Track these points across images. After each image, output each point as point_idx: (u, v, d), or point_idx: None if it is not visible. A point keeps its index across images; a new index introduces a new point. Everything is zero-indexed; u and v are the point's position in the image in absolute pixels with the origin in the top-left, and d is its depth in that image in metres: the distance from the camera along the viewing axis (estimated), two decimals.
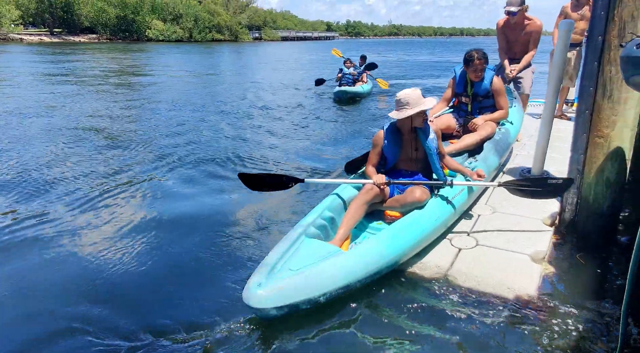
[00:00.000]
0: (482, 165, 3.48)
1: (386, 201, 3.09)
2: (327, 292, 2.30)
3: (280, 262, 2.38)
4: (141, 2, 57.52)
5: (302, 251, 2.46)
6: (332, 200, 3.05)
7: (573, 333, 2.24)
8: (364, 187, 2.99)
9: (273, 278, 2.24)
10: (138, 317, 2.42)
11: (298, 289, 2.23)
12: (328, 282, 2.30)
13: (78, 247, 3.23)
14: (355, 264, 2.41)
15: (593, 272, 2.79)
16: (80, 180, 4.65)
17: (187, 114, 8.79)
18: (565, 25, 3.50)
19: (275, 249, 2.50)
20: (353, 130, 7.68)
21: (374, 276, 2.51)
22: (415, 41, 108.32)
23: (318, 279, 2.28)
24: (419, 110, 2.97)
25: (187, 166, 5.26)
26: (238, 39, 71.91)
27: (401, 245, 2.62)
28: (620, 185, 2.95)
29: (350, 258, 2.43)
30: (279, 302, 2.17)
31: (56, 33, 52.59)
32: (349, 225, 2.83)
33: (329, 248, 2.53)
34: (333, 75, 12.37)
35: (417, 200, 2.91)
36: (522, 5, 4.99)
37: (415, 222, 2.78)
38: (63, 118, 8.06)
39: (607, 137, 2.87)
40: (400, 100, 3.00)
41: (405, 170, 3.19)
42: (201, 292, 2.65)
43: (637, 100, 2.83)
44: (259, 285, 2.19)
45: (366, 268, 2.43)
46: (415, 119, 3.03)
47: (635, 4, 2.66)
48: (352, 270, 2.38)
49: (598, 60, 2.83)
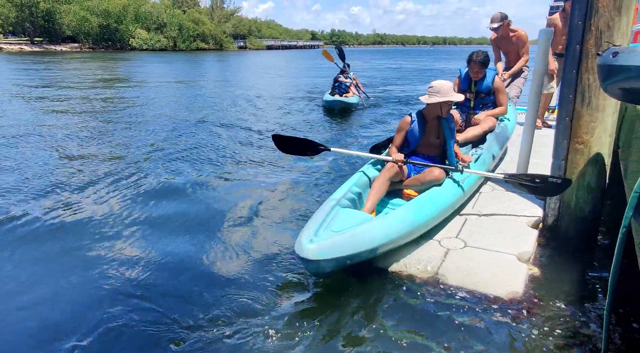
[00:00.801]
0: (487, 154, 3.96)
1: (405, 181, 3.42)
2: (368, 248, 2.59)
3: (322, 226, 2.65)
4: (124, 11, 57.12)
5: (339, 218, 2.76)
6: (359, 177, 3.44)
7: (558, 333, 2.27)
8: (386, 165, 3.33)
9: (320, 237, 2.53)
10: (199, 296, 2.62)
11: (344, 245, 2.51)
12: (369, 240, 2.61)
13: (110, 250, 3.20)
14: (390, 226, 2.75)
15: (577, 274, 2.85)
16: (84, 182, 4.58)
17: (175, 125, 8.73)
18: (544, 34, 3.58)
19: (314, 218, 2.78)
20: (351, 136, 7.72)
21: (404, 238, 2.84)
22: (399, 50, 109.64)
23: (360, 238, 2.58)
24: (448, 99, 3.30)
25: (181, 165, 5.24)
26: (223, 48, 71.80)
27: (426, 214, 3.00)
28: (601, 189, 3.02)
29: (385, 222, 2.78)
30: (329, 254, 2.44)
31: (37, 42, 51.86)
32: (375, 198, 3.17)
33: (363, 215, 2.88)
34: (327, 84, 12.20)
35: (436, 179, 3.29)
36: (504, 20, 5.54)
37: (436, 196, 3.18)
38: (42, 128, 7.93)
39: (587, 143, 2.94)
40: (433, 87, 3.33)
41: (423, 154, 3.53)
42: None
43: (615, 107, 2.91)
44: (311, 241, 2.48)
45: (398, 232, 2.77)
46: (443, 108, 3.36)
47: (611, 14, 2.74)
48: (387, 232, 2.71)
49: (577, 69, 2.91)
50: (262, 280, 2.83)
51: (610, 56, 2.10)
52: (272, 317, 2.44)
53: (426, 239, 3.13)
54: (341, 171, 5.28)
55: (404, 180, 3.44)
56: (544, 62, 3.68)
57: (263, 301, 2.60)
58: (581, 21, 2.85)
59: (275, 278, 2.85)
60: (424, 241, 3.11)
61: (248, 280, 2.85)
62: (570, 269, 2.91)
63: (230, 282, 2.83)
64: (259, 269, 2.98)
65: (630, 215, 1.53)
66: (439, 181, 3.31)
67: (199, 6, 78.33)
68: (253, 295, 2.66)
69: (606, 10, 2.75)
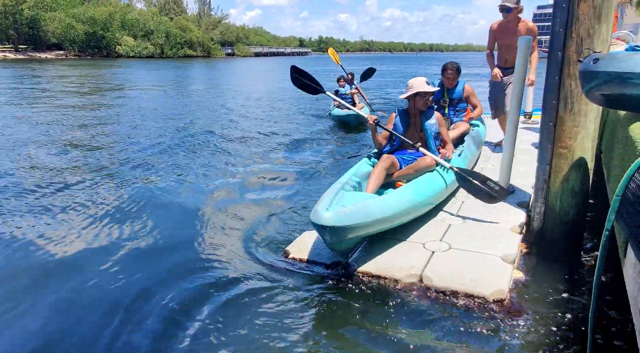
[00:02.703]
0: (467, 152, 4.38)
1: (397, 172, 3.67)
2: (378, 218, 2.81)
3: (334, 201, 2.80)
4: (111, 19, 56.83)
5: (347, 197, 2.94)
6: (358, 167, 3.67)
7: (543, 334, 2.30)
8: (382, 157, 3.63)
9: (334, 208, 2.70)
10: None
11: (358, 214, 2.69)
12: (379, 211, 2.83)
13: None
14: (393, 202, 2.98)
15: (562, 276, 2.88)
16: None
17: (166, 136, 8.67)
18: (524, 41, 3.62)
19: (325, 196, 2.92)
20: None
21: (405, 214, 3.07)
22: (387, 56, 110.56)
23: (370, 209, 2.79)
24: (418, 90, 3.63)
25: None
26: (210, 55, 71.72)
27: (424, 194, 3.29)
28: (585, 193, 3.07)
29: (389, 198, 3.01)
30: (344, 222, 2.61)
31: (21, 49, 51.27)
32: (375, 183, 3.44)
33: (368, 195, 3.16)
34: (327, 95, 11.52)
35: (428, 165, 3.59)
36: (518, 5, 4.72)
37: (431, 179, 3.50)
38: (25, 134, 7.83)
39: (570, 148, 2.99)
40: (408, 85, 3.73)
41: (409, 149, 3.75)
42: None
43: (597, 112, 2.97)
44: (327, 210, 2.65)
45: (401, 207, 3.01)
46: (417, 101, 3.68)
47: (591, 21, 2.81)
48: (391, 206, 2.94)
49: (559, 75, 2.96)
50: (251, 287, 2.81)
51: (591, 62, 2.15)
52: (256, 323, 2.43)
53: (410, 242, 3.16)
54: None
55: (396, 172, 3.68)
56: (524, 70, 3.65)
57: (249, 307, 2.58)
58: (562, 28, 2.91)
59: (262, 284, 2.83)
60: (408, 244, 3.14)
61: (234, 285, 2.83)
62: (556, 271, 2.94)
63: (211, 289, 2.79)
64: (245, 280, 2.96)
65: (613, 218, 1.55)
66: (430, 168, 3.60)
67: (186, 13, 78.31)
68: (240, 302, 2.65)
69: (586, 18, 2.81)
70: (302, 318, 2.48)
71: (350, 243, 2.84)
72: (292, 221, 3.94)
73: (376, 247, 3.10)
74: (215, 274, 3.00)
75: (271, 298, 2.67)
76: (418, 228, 3.36)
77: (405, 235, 3.25)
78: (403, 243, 3.15)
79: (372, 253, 3.04)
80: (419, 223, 3.40)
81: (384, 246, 3.11)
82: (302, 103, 13.03)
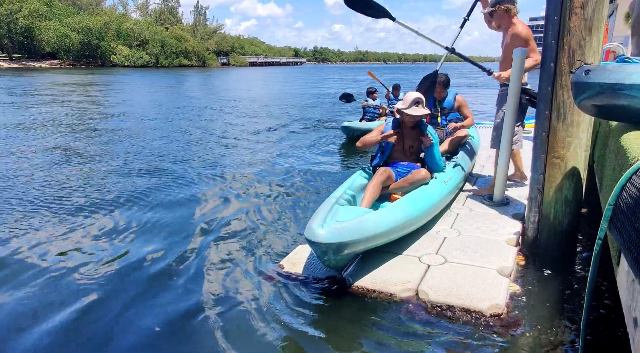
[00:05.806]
0: (462, 161, 4.41)
1: (392, 185, 3.66)
2: (372, 234, 2.77)
3: (328, 217, 2.80)
4: (106, 28, 56.97)
5: (341, 212, 2.92)
6: (352, 181, 3.65)
7: (540, 344, 2.29)
8: (378, 171, 3.60)
9: (329, 224, 2.68)
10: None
11: (351, 230, 2.66)
12: (372, 227, 2.80)
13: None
14: (389, 216, 2.96)
15: (556, 286, 2.89)
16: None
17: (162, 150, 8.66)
18: (519, 52, 3.63)
19: (318, 212, 2.92)
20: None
21: (400, 229, 3.03)
22: (382, 67, 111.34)
23: (365, 225, 2.76)
24: (401, 109, 3.64)
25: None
26: (206, 65, 71.96)
27: (419, 208, 3.26)
28: (578, 203, 3.09)
29: (384, 213, 2.99)
30: (338, 238, 2.58)
31: (15, 58, 51.17)
32: (371, 197, 3.40)
33: (363, 209, 3.09)
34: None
35: (423, 178, 3.59)
36: (497, 5, 3.86)
37: (426, 192, 3.48)
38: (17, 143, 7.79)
39: (563, 158, 3.02)
40: (405, 96, 3.75)
41: (402, 161, 3.79)
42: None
43: (589, 122, 3.01)
44: (321, 226, 2.63)
45: (396, 222, 2.98)
46: (405, 118, 3.66)
47: (582, 33, 2.85)
48: (387, 221, 2.91)
49: (551, 86, 3.00)
50: (244, 301, 2.80)
51: (583, 74, 2.19)
52: (248, 338, 2.41)
53: (406, 256, 3.13)
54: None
55: (392, 185, 3.68)
56: (519, 81, 3.66)
57: (241, 321, 2.56)
58: (554, 40, 2.95)
59: (255, 298, 2.81)
60: (403, 258, 3.11)
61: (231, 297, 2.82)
62: (550, 281, 2.95)
63: (202, 302, 2.78)
64: (241, 289, 2.95)
65: (606, 227, 1.57)
66: (425, 180, 3.60)
67: (182, 23, 78.68)
68: (237, 314, 2.63)
69: (578, 30, 2.86)
70: (295, 333, 2.44)
71: (344, 259, 2.79)
72: (287, 234, 3.92)
73: (371, 261, 3.06)
74: (207, 288, 2.97)
75: (264, 313, 2.63)
76: (413, 242, 3.32)
77: (400, 248, 3.21)
78: (398, 257, 3.11)
79: (367, 267, 2.99)
80: (414, 237, 3.37)
81: (379, 260, 3.07)
82: (299, 112, 13.08)
